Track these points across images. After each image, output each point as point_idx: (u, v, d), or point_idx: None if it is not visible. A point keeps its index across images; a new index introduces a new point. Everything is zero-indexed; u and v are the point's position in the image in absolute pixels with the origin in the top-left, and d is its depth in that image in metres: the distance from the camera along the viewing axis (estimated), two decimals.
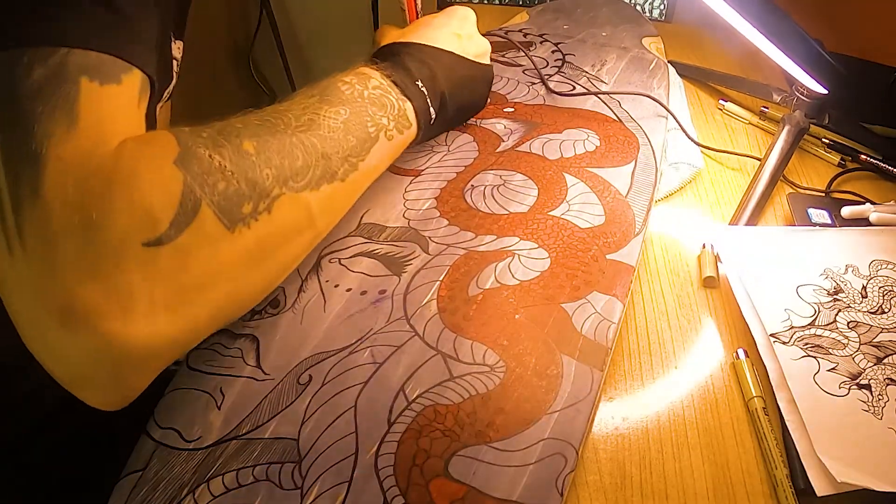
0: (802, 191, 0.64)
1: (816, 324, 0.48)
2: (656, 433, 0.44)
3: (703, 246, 0.56)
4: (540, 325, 0.44)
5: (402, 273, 0.49)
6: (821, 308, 0.50)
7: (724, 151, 0.68)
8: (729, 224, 0.59)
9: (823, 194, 0.64)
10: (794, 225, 0.59)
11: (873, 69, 0.74)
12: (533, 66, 0.72)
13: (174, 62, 0.48)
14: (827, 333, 0.48)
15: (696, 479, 0.41)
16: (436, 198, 0.55)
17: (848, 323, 0.48)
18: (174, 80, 0.49)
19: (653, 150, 0.59)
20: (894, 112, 0.72)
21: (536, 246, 0.50)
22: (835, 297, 0.50)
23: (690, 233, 0.59)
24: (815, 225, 0.58)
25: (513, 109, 0.66)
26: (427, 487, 0.37)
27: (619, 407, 0.45)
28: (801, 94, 0.67)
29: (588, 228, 0.51)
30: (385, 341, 0.44)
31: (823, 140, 0.69)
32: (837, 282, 0.51)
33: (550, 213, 0.53)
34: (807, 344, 0.47)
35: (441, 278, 0.48)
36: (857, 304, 0.50)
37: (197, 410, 0.42)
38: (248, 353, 0.45)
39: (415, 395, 0.41)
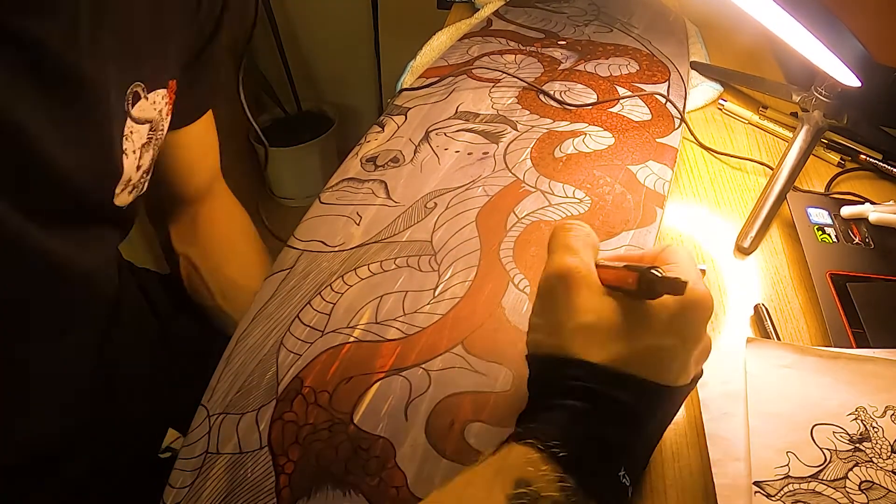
0: (802, 191, 0.63)
1: (821, 477, 0.39)
2: None
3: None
4: (613, 177, 0.58)
5: (499, 141, 0.61)
6: (834, 457, 0.40)
7: (731, 156, 0.66)
8: (737, 241, 0.57)
9: (823, 194, 0.63)
10: (827, 351, 0.46)
11: (873, 69, 0.68)
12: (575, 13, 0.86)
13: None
14: (829, 492, 0.38)
15: (695, 479, 0.41)
16: (516, 97, 0.68)
17: (861, 483, 0.38)
18: None
19: (680, 75, 0.73)
20: (895, 112, 0.70)
21: (602, 129, 0.63)
22: (857, 445, 0.40)
23: (690, 231, 0.59)
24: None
25: (564, 43, 0.79)
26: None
27: None
28: (821, 93, 0.65)
29: (640, 121, 0.65)
30: (493, 182, 0.57)
31: (822, 140, 0.67)
32: (868, 427, 0.41)
33: (609, 109, 0.66)
34: (797, 501, 0.38)
35: (531, 146, 0.61)
36: (881, 461, 0.39)
37: (337, 227, 0.54)
38: (377, 190, 0.57)
39: (523, 214, 0.54)
